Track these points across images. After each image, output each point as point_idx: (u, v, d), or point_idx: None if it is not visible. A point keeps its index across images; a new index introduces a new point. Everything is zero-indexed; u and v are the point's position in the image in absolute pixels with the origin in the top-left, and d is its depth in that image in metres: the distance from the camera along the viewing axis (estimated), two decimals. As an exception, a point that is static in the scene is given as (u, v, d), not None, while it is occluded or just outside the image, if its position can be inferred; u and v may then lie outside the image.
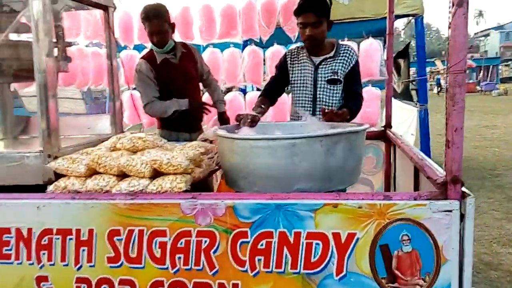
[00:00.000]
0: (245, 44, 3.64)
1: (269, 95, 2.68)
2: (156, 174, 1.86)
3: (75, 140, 2.34)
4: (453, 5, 1.43)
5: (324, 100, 2.52)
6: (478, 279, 3.33)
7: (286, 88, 2.77)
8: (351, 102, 2.51)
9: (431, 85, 29.53)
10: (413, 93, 6.96)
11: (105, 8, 2.41)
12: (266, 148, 1.71)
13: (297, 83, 2.60)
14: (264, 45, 3.61)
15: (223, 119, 3.13)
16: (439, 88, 29.97)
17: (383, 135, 3.56)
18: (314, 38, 2.45)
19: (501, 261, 3.67)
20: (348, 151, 1.78)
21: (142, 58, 2.96)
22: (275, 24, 3.41)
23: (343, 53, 2.54)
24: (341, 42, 2.64)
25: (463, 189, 1.53)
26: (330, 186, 1.78)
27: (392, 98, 7.30)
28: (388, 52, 3.39)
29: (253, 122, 2.20)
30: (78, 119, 2.76)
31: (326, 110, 2.28)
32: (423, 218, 1.51)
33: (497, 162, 7.55)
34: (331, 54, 2.53)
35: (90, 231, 1.73)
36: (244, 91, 4.13)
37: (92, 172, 1.89)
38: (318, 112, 2.50)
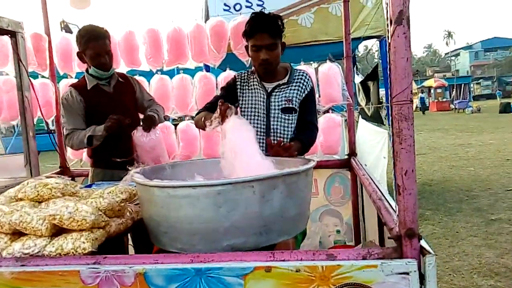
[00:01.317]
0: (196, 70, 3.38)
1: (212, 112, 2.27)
2: (61, 230, 1.53)
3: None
4: (390, 23, 1.19)
5: (278, 131, 2.25)
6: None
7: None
8: (304, 134, 2.25)
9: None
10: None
11: (13, 33, 2.10)
12: (185, 198, 1.41)
13: (247, 112, 2.32)
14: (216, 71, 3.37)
15: (147, 119, 2.70)
16: (423, 107, 30.47)
17: (348, 164, 3.32)
18: (269, 62, 2.18)
19: (482, 295, 3.41)
20: (287, 197, 1.49)
21: (71, 85, 2.66)
22: (225, 48, 3.16)
23: (298, 78, 2.29)
24: (295, 67, 2.39)
25: (422, 243, 1.26)
26: (269, 239, 1.49)
27: (363, 121, 7.21)
28: (347, 76, 3.18)
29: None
30: None
31: (273, 143, 2.00)
32: (375, 283, 1.22)
33: (473, 182, 7.41)
34: (285, 80, 2.27)
35: (-28, 308, 1.39)
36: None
37: (-19, 231, 1.55)
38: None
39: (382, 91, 7.38)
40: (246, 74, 2.36)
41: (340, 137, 3.32)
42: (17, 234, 1.53)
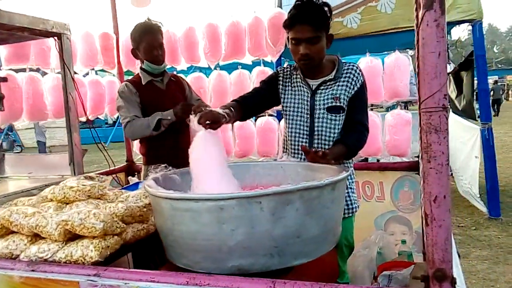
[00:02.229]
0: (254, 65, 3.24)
1: (244, 105, 2.04)
2: (78, 235, 1.51)
3: (33, 181, 2.08)
4: (418, 7, 0.94)
5: (323, 132, 2.01)
6: None
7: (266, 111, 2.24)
8: (350, 136, 1.99)
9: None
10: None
11: (58, 35, 2.15)
12: (187, 211, 1.29)
13: (290, 111, 2.12)
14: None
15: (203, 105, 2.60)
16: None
17: (418, 167, 2.95)
18: (310, 58, 1.94)
19: None
20: (305, 215, 1.30)
21: (125, 81, 2.68)
22: (283, 41, 2.97)
23: (347, 73, 2.02)
24: (343, 61, 2.13)
25: (457, 288, 0.99)
26: (283, 261, 1.31)
27: (453, 115, 6.48)
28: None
29: (214, 122, 1.63)
30: (36, 157, 2.52)
31: (310, 150, 1.79)
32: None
33: None
34: (331, 75, 2.02)
35: (-9, 306, 1.43)
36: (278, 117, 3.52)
37: (7, 231, 1.59)
38: (316, 148, 2.02)
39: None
40: (289, 69, 2.15)
41: (409, 137, 2.96)
42: (38, 236, 1.55)
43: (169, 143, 2.55)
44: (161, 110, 2.47)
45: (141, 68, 2.70)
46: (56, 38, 2.15)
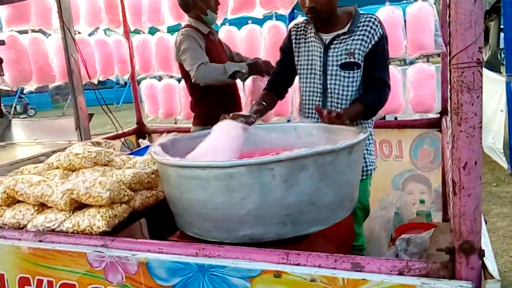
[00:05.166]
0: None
1: (275, 88, 2.10)
2: (83, 205, 1.47)
3: (40, 147, 2.03)
4: None
5: (336, 91, 1.89)
6: None
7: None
8: (369, 94, 1.87)
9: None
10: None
11: (55, -8, 2.03)
12: (195, 179, 1.21)
13: (303, 69, 2.00)
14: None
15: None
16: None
17: (439, 124, 2.82)
18: (316, 11, 1.81)
19: None
20: (320, 181, 1.21)
21: (185, 28, 2.51)
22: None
23: (363, 26, 1.87)
24: (361, 12, 1.96)
25: (485, 261, 0.91)
26: (297, 230, 1.24)
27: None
28: (442, 18, 2.60)
29: (247, 123, 1.64)
30: (43, 122, 2.45)
31: (324, 111, 1.68)
32: (411, 308, 0.93)
33: None
34: (346, 28, 1.87)
35: (1, 277, 1.42)
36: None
37: (14, 200, 1.55)
38: (329, 107, 1.92)
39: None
40: (303, 25, 2.01)
41: (434, 92, 2.79)
42: (44, 205, 1.51)
43: (226, 104, 2.47)
44: (217, 63, 2.40)
45: (199, 18, 2.55)
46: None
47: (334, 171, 1.25)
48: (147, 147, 2.33)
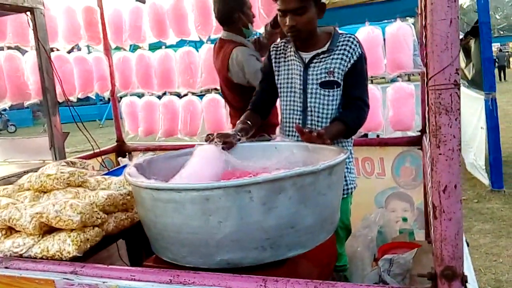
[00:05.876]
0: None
1: (257, 109, 2.05)
2: (54, 229, 1.40)
3: (12, 166, 1.96)
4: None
5: (316, 109, 1.89)
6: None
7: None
8: (349, 113, 1.86)
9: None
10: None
11: (31, 10, 1.97)
12: (170, 202, 1.17)
13: (283, 88, 2.00)
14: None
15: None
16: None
17: (420, 142, 2.83)
18: (297, 30, 1.81)
19: None
20: (300, 203, 1.18)
21: (239, 47, 2.47)
22: (275, 13, 2.79)
23: (342, 45, 1.87)
24: (340, 31, 1.97)
25: (468, 286, 0.89)
26: (276, 254, 1.20)
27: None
28: (421, 38, 2.64)
29: (226, 143, 1.63)
30: (16, 141, 2.38)
31: (305, 130, 1.66)
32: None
33: None
34: (325, 47, 1.87)
35: (-36, 306, 1.33)
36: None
37: (-19, 224, 1.48)
38: (309, 126, 1.90)
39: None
40: (282, 44, 2.01)
41: (413, 110, 2.82)
42: (13, 229, 1.44)
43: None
44: None
45: (239, 32, 2.54)
46: (28, 13, 1.98)
47: (314, 192, 1.22)
48: (124, 166, 2.27)
